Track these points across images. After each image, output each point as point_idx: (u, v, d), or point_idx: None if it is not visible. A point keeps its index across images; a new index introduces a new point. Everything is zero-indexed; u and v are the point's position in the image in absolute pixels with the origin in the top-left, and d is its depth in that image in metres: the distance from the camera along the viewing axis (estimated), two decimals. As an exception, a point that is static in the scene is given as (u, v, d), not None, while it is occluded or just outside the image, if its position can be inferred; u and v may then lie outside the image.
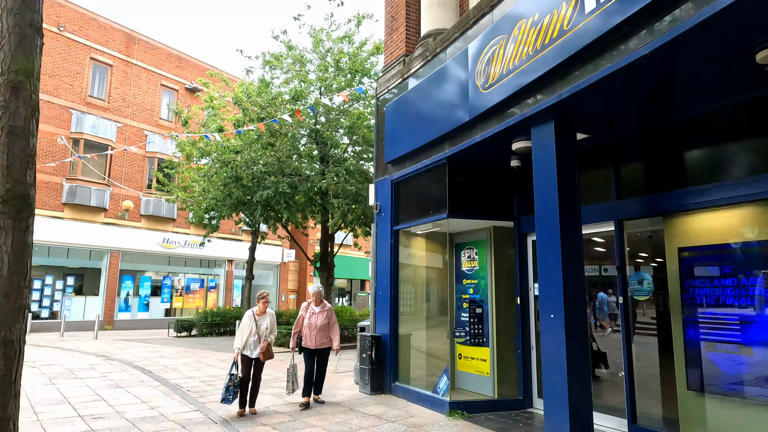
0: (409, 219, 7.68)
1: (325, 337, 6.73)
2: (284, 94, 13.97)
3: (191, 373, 9.41)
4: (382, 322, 7.82)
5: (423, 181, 7.41)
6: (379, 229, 8.21)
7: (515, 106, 5.45)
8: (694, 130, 5.13)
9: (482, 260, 7.37)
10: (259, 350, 6.19)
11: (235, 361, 6.20)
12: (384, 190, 8.19)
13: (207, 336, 17.45)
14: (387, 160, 8.04)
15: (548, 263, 4.91)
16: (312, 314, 6.73)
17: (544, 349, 4.89)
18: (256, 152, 13.67)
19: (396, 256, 7.82)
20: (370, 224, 15.35)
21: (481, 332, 6.82)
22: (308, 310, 6.80)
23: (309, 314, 6.74)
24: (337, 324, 6.83)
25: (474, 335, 6.81)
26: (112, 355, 11.61)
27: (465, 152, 6.46)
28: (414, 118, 7.40)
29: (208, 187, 15.41)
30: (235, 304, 25.58)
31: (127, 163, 22.00)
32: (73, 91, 20.54)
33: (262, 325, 6.27)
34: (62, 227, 19.52)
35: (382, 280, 7.96)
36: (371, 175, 14.65)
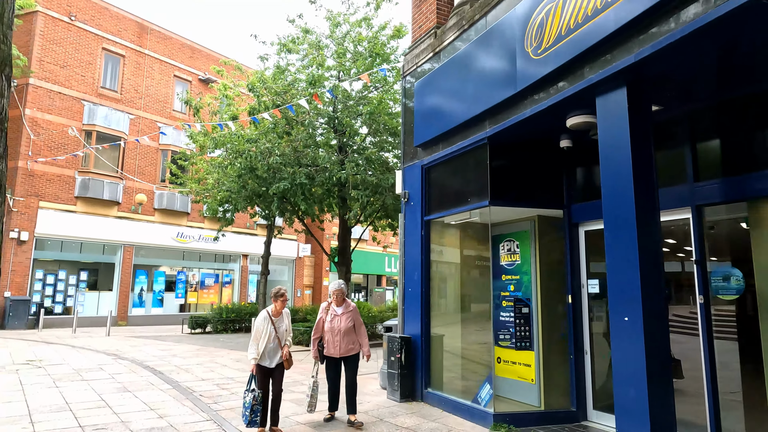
0: (441, 208, 6.93)
1: (352, 342, 5.71)
2: (301, 81, 13.27)
3: (204, 374, 8.80)
4: (412, 321, 7.10)
5: (458, 166, 6.65)
6: (407, 220, 7.47)
7: (576, 73, 4.66)
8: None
9: (524, 254, 6.60)
10: (279, 358, 5.24)
11: (253, 374, 5.17)
12: (413, 176, 7.44)
13: (221, 333, 16.92)
14: (416, 144, 7.29)
15: (620, 257, 4.13)
16: (334, 316, 5.72)
17: (616, 357, 4.12)
18: (272, 142, 13.00)
19: (427, 249, 7.09)
20: (391, 216, 14.61)
21: (528, 335, 6.05)
22: (329, 312, 5.77)
23: (330, 316, 5.74)
24: (363, 326, 5.88)
25: (521, 338, 6.04)
26: (122, 354, 11.07)
27: (509, 131, 5.69)
28: (448, 96, 6.64)
29: (222, 179, 14.80)
30: (250, 300, 25.09)
31: (140, 155, 21.54)
32: (85, 82, 20.09)
33: (281, 327, 5.26)
34: (75, 221, 19.13)
35: (411, 275, 7.23)
36: (392, 165, 13.91)
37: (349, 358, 5.77)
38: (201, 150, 16.09)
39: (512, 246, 6.84)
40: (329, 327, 5.70)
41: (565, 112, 5.12)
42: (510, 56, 5.44)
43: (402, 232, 7.55)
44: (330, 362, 5.78)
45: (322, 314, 5.84)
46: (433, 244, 7.14)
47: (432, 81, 7.06)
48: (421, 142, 7.19)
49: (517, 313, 6.10)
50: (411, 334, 7.07)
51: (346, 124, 11.96)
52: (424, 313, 6.95)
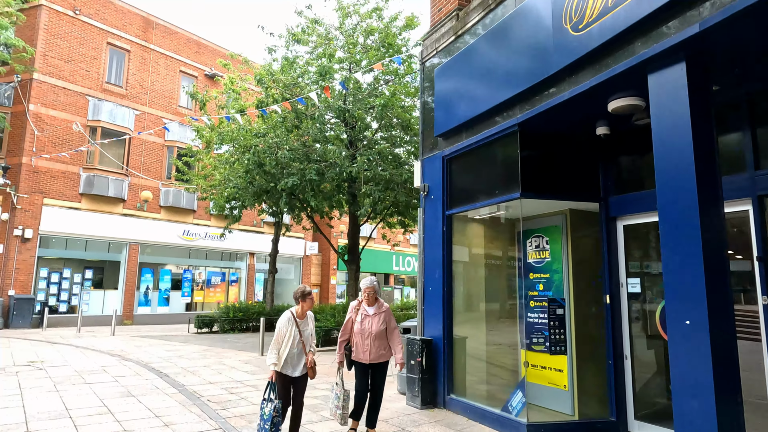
0: (465, 201, 6.48)
1: (383, 347, 5.07)
2: (310, 73, 12.84)
3: (212, 377, 8.40)
4: (433, 322, 6.66)
5: (484, 156, 6.20)
6: (427, 215, 7.03)
7: (625, 48, 4.20)
8: None
9: (555, 250, 6.14)
10: (303, 366, 4.63)
11: (271, 381, 4.51)
12: (433, 168, 7.00)
13: (228, 332, 16.55)
14: (437, 134, 6.85)
15: (680, 254, 3.68)
16: (365, 317, 5.09)
17: (675, 365, 3.67)
18: (280, 136, 12.58)
19: (449, 246, 6.64)
20: (402, 213, 14.17)
21: (564, 338, 5.60)
22: (359, 312, 5.14)
23: (361, 317, 5.10)
24: (398, 329, 5.21)
25: (555, 341, 5.59)
26: (127, 355, 10.70)
27: (542, 117, 5.23)
28: (473, 81, 6.19)
29: (229, 175, 14.41)
30: (257, 299, 24.74)
31: (145, 152, 21.20)
32: (90, 77, 19.76)
33: (306, 330, 4.67)
34: (80, 218, 18.82)
35: (431, 273, 6.79)
36: (403, 160, 13.46)
37: (380, 365, 5.13)
38: (207, 146, 15.71)
39: (541, 242, 6.38)
40: (359, 329, 5.07)
41: (608, 95, 4.66)
42: (545, 34, 4.98)
43: (421, 227, 7.11)
44: (358, 368, 5.13)
45: (351, 314, 5.20)
46: (455, 240, 6.70)
47: (454, 66, 6.61)
48: (442, 132, 6.75)
49: (551, 314, 5.64)
50: (432, 336, 6.64)
51: (358, 117, 11.52)
52: (446, 313, 6.51)
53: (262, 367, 9.57)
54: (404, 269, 34.93)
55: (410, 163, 13.20)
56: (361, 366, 5.11)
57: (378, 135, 13.15)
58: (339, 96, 12.16)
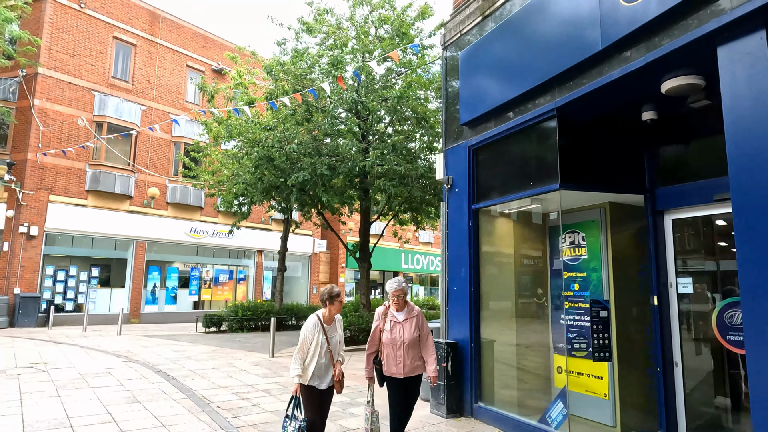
0: (493, 195, 6.01)
1: (418, 357, 4.43)
2: (322, 64, 12.38)
3: (222, 380, 8.00)
4: (459, 324, 6.20)
5: (516, 145, 5.73)
6: (451, 209, 6.57)
7: (688, 18, 3.72)
8: None
9: (593, 247, 5.67)
10: (331, 378, 4.11)
11: (295, 396, 3.95)
12: (457, 159, 6.53)
13: (237, 332, 16.17)
14: (462, 122, 6.38)
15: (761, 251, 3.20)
16: (395, 324, 4.42)
17: (756, 374, 3.19)
18: (290, 129, 12.14)
19: (475, 242, 6.18)
20: (416, 209, 13.70)
21: (608, 343, 5.12)
22: (388, 319, 4.45)
23: (390, 324, 4.43)
24: (431, 336, 4.56)
25: (599, 347, 5.11)
26: (133, 356, 10.33)
27: (584, 100, 4.76)
28: (503, 64, 5.72)
29: (237, 170, 14.01)
30: (265, 297, 24.39)
31: (152, 148, 20.86)
32: (96, 72, 19.43)
33: (334, 337, 4.14)
34: (86, 215, 18.50)
35: (456, 272, 6.33)
36: (417, 154, 12.99)
37: (414, 379, 4.44)
38: (215, 140, 15.30)
39: (576, 238, 5.91)
40: (389, 338, 4.39)
41: (663, 73, 4.17)
42: (590, 7, 4.51)
43: (444, 222, 6.65)
44: (393, 384, 4.40)
45: (379, 322, 4.50)
46: (482, 236, 6.23)
47: (481, 49, 6.13)
48: (468, 120, 6.28)
49: (594, 317, 5.17)
50: (457, 340, 6.18)
51: (372, 108, 11.04)
52: (473, 315, 6.05)
53: (274, 369, 9.16)
54: (413, 267, 34.50)
55: (424, 157, 12.74)
56: (396, 382, 4.37)
57: (391, 129, 12.67)
58: (351, 88, 11.71)
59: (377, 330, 4.54)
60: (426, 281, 36.87)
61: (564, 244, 6.02)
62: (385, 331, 4.47)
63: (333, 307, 4.14)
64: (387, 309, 4.55)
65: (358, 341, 13.01)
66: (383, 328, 4.50)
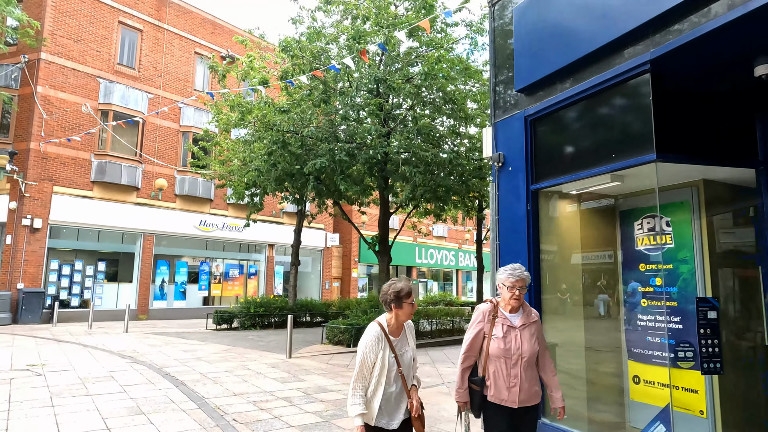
0: (559, 172, 5.07)
1: (536, 381, 3.17)
2: (340, 41, 11.46)
3: (236, 386, 7.15)
4: (515, 326, 5.28)
5: (590, 111, 4.78)
6: (502, 192, 5.64)
7: None
8: None
9: (681, 234, 4.72)
10: (405, 412, 2.89)
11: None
12: (510, 133, 5.60)
13: (250, 329, 15.37)
14: (518, 88, 5.43)
15: None
16: (508, 330, 3.14)
17: None
18: (306, 112, 11.23)
19: (535, 230, 5.25)
20: (441, 198, 12.75)
21: (718, 351, 4.18)
22: (498, 322, 3.17)
23: (502, 329, 3.14)
24: (549, 351, 3.38)
25: (709, 356, 4.17)
26: (139, 356, 9.53)
27: (686, 51, 3.80)
28: (574, 12, 4.77)
29: (249, 157, 13.15)
30: (276, 292, 23.62)
31: (159, 138, 20.07)
32: (101, 58, 18.64)
33: (405, 355, 2.94)
34: (92, 207, 17.77)
35: (511, 264, 5.40)
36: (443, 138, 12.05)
37: (530, 410, 3.14)
38: (225, 129, 14.41)
39: (657, 223, 4.95)
40: (500, 349, 3.09)
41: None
42: (706, -73, 3.54)
43: (494, 207, 5.72)
44: (499, 415, 3.10)
45: (483, 325, 3.19)
46: (542, 222, 5.30)
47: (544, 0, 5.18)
48: (525, 86, 5.33)
49: (701, 318, 4.23)
50: (514, 344, 5.26)
51: (397, 87, 10.08)
52: (534, 315, 5.12)
53: (293, 372, 8.31)
54: (427, 262, 33.64)
55: (451, 142, 11.80)
56: (504, 412, 3.08)
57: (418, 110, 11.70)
58: (373, 65, 10.77)
59: (480, 335, 3.18)
60: (439, 276, 36.00)
61: (641, 231, 5.07)
62: (494, 338, 3.13)
63: (401, 311, 2.90)
64: (495, 308, 3.23)
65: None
66: (490, 334, 3.15)
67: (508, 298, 3.18)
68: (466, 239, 37.62)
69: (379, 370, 2.82)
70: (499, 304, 3.26)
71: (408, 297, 2.89)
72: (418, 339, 13.12)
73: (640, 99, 4.17)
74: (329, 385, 7.38)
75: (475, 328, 3.22)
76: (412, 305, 2.91)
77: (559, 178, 5.02)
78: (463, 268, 37.27)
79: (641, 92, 4.15)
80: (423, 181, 11.09)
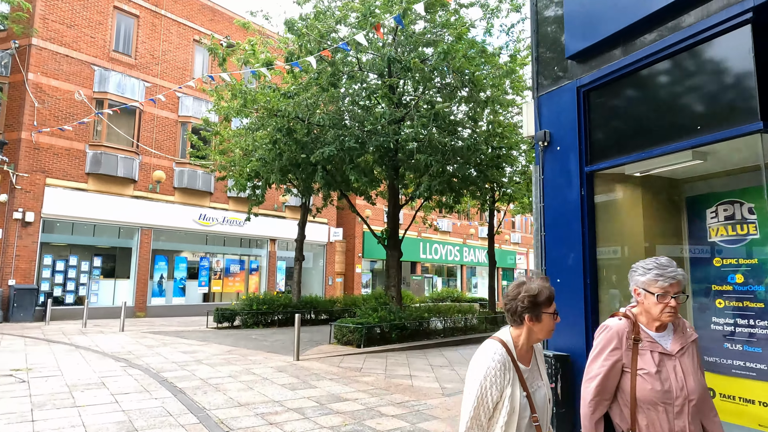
0: (623, 150, 4.33)
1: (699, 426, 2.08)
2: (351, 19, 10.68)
3: (241, 394, 6.43)
4: (566, 330, 4.56)
5: (666, 75, 4.03)
6: (549, 175, 4.90)
7: None
8: None
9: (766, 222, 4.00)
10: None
11: None
12: (558, 107, 4.86)
13: (252, 328, 14.65)
14: (570, 54, 4.69)
15: None
16: (662, 358, 2.07)
17: None
18: (317, 94, 10.46)
19: (590, 219, 4.52)
20: (455, 189, 12.00)
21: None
22: (643, 348, 2.10)
23: (655, 361, 2.06)
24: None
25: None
26: (135, 359, 8.81)
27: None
28: (644, -39, 4.02)
29: (251, 146, 12.40)
30: (278, 288, 22.91)
31: (157, 128, 19.30)
32: (95, 45, 17.84)
33: (539, 390, 1.97)
34: (87, 200, 17.01)
35: (560, 258, 4.68)
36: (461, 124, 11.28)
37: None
38: (225, 118, 13.64)
39: (736, 211, 4.23)
40: (655, 392, 2.03)
41: None
42: None
43: (538, 193, 4.99)
44: None
45: (618, 353, 2.11)
46: (598, 209, 4.57)
47: (601, -51, 4.43)
48: (578, 51, 4.59)
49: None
50: (566, 350, 4.54)
51: (414, 66, 9.30)
52: (589, 316, 4.40)
53: (302, 377, 7.60)
54: (431, 257, 32.93)
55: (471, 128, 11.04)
56: None
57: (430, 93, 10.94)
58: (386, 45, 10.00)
59: (616, 370, 2.10)
60: (443, 272, 35.30)
61: (715, 219, 4.35)
62: (642, 374, 2.07)
63: (538, 326, 1.93)
64: (635, 326, 2.16)
65: (390, 340, 11.44)
66: (633, 368, 2.09)
67: (657, 312, 2.09)
68: (470, 234, 36.90)
69: (507, 416, 1.84)
70: (638, 319, 2.18)
71: (549, 304, 1.92)
72: (429, 338, 12.41)
73: (736, 56, 3.43)
74: (344, 393, 6.67)
75: (606, 359, 2.10)
76: (554, 317, 1.94)
77: (622, 158, 4.28)
78: (468, 264, 36.56)
79: (738, 48, 3.41)
80: (438, 171, 10.34)
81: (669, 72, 3.98)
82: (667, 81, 3.99)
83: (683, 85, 3.89)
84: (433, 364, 9.35)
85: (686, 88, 3.87)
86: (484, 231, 38.08)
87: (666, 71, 3.99)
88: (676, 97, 3.93)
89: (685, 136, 3.75)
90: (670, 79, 3.96)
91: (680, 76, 3.89)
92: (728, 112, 3.46)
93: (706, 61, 3.70)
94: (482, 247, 37.64)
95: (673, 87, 3.95)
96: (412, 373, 8.29)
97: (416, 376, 8.04)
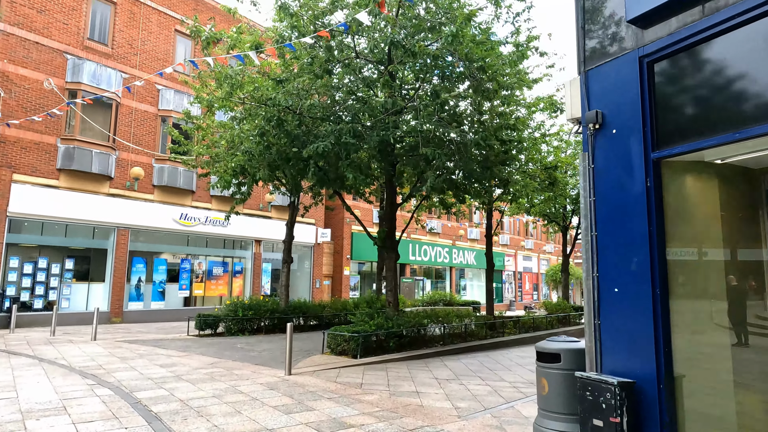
0: (704, 131, 3.55)
1: None
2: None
3: (227, 420, 5.51)
4: (630, 350, 3.77)
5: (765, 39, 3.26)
6: (600, 164, 4.11)
7: None
8: None
9: None
10: None
11: None
12: (613, 82, 4.07)
13: (237, 335, 13.66)
14: (632, 17, 3.90)
15: None
16: None
17: None
18: (304, 84, 9.58)
19: (659, 215, 3.74)
20: (459, 186, 11.21)
21: None
22: None
23: None
24: None
25: None
26: (106, 374, 7.80)
27: None
28: None
29: (237, 138, 11.44)
30: (264, 292, 21.89)
31: (135, 122, 18.17)
32: (69, 32, 16.66)
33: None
34: (58, 198, 15.83)
35: (621, 263, 3.89)
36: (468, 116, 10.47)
37: None
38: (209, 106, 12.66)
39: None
40: None
41: None
42: None
43: (587, 186, 4.19)
44: None
45: None
46: (667, 204, 3.79)
47: None
48: (642, 13, 3.81)
49: None
50: (632, 375, 3.74)
51: (420, 51, 8.46)
52: (660, 335, 3.61)
53: (297, 396, 6.70)
54: (420, 259, 32.19)
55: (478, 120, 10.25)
56: None
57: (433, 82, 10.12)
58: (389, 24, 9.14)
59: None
60: (431, 274, 34.56)
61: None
62: None
63: None
64: None
65: (388, 349, 10.59)
66: None
67: None
68: (460, 235, 36.26)
69: None
70: None
71: None
72: (429, 346, 11.60)
73: None
74: (347, 416, 5.80)
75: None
76: None
77: (703, 141, 3.50)
78: (457, 266, 35.90)
79: None
80: (441, 166, 9.52)
81: (755, 35, 3.21)
82: (749, 47, 3.21)
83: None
84: (438, 377, 8.53)
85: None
86: (473, 232, 37.44)
87: (762, 33, 3.22)
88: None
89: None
90: (760, 47, 3.19)
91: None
92: None
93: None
94: (471, 249, 37.00)
95: (759, 58, 3.18)
96: (419, 390, 7.46)
97: (423, 393, 7.21)
